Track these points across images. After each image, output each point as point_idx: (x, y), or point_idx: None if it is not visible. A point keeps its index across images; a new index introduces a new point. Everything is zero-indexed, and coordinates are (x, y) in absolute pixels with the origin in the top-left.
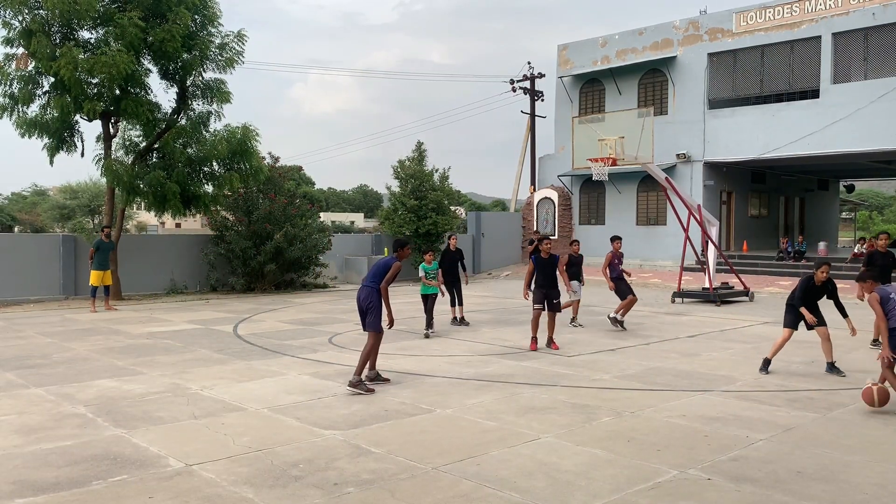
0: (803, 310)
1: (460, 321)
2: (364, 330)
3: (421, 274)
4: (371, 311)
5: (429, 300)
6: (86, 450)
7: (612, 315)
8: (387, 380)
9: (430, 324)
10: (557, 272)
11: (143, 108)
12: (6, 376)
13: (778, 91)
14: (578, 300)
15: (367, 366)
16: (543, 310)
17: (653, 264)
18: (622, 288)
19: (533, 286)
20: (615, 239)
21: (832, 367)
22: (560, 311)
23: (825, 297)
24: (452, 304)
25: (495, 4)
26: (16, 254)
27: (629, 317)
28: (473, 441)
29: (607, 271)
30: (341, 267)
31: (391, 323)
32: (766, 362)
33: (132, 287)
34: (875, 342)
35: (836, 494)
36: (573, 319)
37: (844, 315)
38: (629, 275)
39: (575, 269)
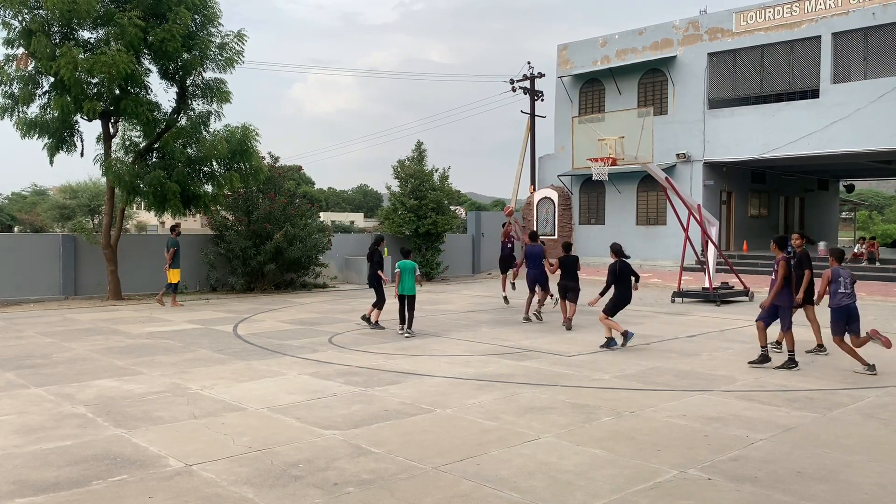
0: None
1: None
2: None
3: (396, 270)
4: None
5: (405, 300)
6: (86, 450)
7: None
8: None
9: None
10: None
11: (143, 107)
12: (6, 376)
13: (778, 91)
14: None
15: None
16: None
17: (653, 264)
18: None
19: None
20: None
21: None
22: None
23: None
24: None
25: (495, 4)
26: (16, 254)
27: (634, 319)
28: (473, 441)
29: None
30: (341, 267)
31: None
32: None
33: (132, 287)
34: None
35: (836, 494)
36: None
37: None
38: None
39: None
